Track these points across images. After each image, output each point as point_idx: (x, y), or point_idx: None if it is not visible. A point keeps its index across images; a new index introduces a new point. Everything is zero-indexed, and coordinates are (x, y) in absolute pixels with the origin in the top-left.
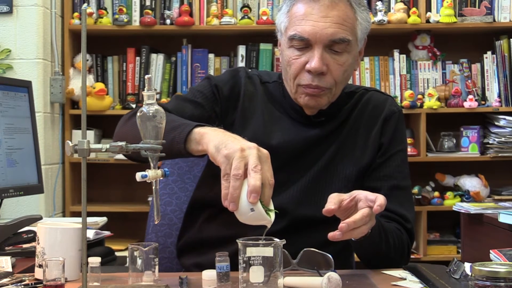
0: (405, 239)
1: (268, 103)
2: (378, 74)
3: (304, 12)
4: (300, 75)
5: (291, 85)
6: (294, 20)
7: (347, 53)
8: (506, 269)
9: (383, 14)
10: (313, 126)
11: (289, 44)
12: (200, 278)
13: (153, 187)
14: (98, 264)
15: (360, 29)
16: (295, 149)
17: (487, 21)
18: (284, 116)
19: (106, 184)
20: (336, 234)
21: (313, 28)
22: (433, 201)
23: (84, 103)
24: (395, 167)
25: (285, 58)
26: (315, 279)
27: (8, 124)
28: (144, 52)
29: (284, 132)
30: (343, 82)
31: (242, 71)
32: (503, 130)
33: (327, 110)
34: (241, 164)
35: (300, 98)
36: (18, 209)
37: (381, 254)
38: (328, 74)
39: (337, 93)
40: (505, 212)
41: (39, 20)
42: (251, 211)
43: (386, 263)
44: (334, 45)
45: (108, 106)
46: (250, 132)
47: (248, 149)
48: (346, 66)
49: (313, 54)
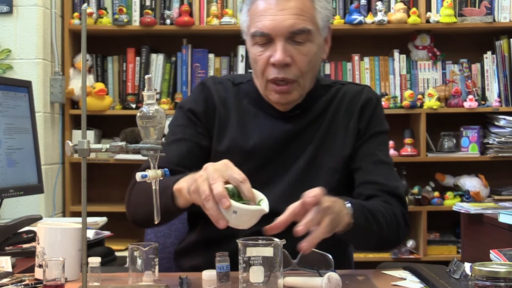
0: (397, 209)
1: (242, 104)
2: (378, 74)
3: (262, 8)
4: (267, 70)
5: (261, 82)
6: (254, 18)
7: (309, 43)
8: (506, 269)
9: (383, 14)
10: (290, 120)
11: (252, 42)
12: (200, 278)
13: (153, 187)
14: (98, 264)
15: (320, 17)
16: (274, 145)
17: (487, 21)
18: (261, 112)
19: (106, 184)
20: (303, 245)
21: (272, 22)
22: (433, 201)
23: (84, 103)
24: (376, 146)
25: (251, 57)
26: (315, 279)
27: (8, 124)
28: (144, 52)
29: (261, 130)
30: (310, 72)
31: (209, 81)
32: (503, 130)
33: (302, 104)
34: (205, 187)
35: (270, 95)
36: (18, 209)
37: (375, 236)
38: (293, 65)
39: (306, 85)
40: (505, 212)
41: (39, 20)
42: (234, 213)
43: (384, 243)
44: (295, 36)
45: (108, 106)
46: (228, 138)
47: (204, 171)
48: (310, 55)
49: (275, 48)
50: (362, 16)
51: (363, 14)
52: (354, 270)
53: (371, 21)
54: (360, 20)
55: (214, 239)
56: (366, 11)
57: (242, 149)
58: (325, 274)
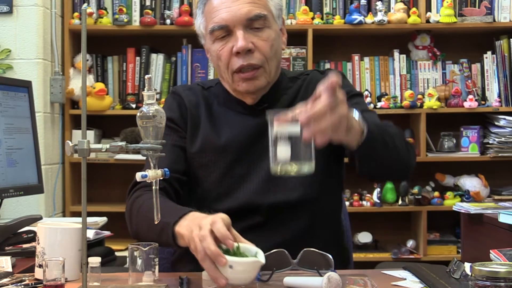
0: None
1: (213, 106)
2: (378, 74)
3: (216, 4)
4: (231, 61)
5: (227, 76)
6: (210, 15)
7: (267, 28)
8: (506, 269)
9: (383, 14)
10: (259, 114)
11: (212, 39)
12: (200, 278)
13: (153, 187)
14: (98, 264)
15: (273, 5)
16: (246, 139)
17: (487, 21)
18: (230, 111)
19: (106, 184)
20: (305, 135)
21: (228, 13)
22: (433, 201)
23: (84, 103)
24: (353, 105)
25: (213, 55)
26: (315, 279)
27: (8, 124)
28: (144, 52)
29: (232, 126)
30: (274, 58)
31: (179, 88)
32: (503, 130)
33: (269, 96)
34: (199, 248)
35: (238, 86)
36: (18, 209)
37: (390, 150)
38: (256, 51)
39: (272, 71)
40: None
41: (39, 20)
42: (230, 268)
43: (399, 159)
44: (252, 23)
45: (108, 106)
46: (200, 138)
47: (196, 230)
48: (271, 40)
49: (236, 37)
50: (362, 16)
51: (363, 14)
52: (354, 270)
53: (371, 21)
54: (360, 20)
55: None
56: (366, 11)
57: (214, 147)
58: (325, 274)
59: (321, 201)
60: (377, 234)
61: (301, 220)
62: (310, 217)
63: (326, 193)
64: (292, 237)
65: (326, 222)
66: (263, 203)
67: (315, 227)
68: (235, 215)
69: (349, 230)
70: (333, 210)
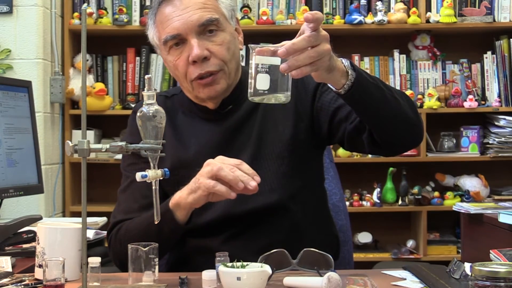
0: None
1: (177, 116)
2: (378, 74)
3: (167, 14)
4: (189, 71)
5: (187, 85)
6: (161, 26)
7: (221, 32)
8: (506, 269)
9: (383, 14)
10: (225, 118)
11: (167, 50)
12: (200, 278)
13: (153, 187)
14: (98, 264)
15: (224, 7)
16: (215, 147)
17: (487, 21)
18: (195, 119)
19: (106, 184)
20: (282, 66)
21: (179, 21)
22: (433, 201)
23: (84, 103)
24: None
25: (170, 66)
26: (315, 279)
27: (8, 124)
28: (144, 52)
29: (198, 136)
30: (233, 60)
31: (138, 107)
32: (503, 130)
33: (232, 98)
34: (231, 176)
35: (199, 93)
36: (18, 209)
37: (389, 98)
38: (213, 57)
39: (232, 73)
40: (505, 212)
41: (39, 20)
42: (238, 280)
43: (404, 116)
44: (205, 28)
45: (108, 106)
46: (168, 156)
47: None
48: (227, 43)
49: (190, 46)
50: (362, 16)
51: (363, 14)
52: (354, 270)
53: (371, 21)
54: (360, 20)
55: (188, 254)
56: (366, 11)
57: (185, 162)
58: (325, 274)
59: (303, 197)
60: (377, 234)
61: (285, 220)
62: (293, 216)
63: (307, 188)
64: (278, 238)
65: (312, 215)
66: (242, 211)
67: (300, 223)
68: (216, 227)
69: (349, 229)
70: (317, 203)
